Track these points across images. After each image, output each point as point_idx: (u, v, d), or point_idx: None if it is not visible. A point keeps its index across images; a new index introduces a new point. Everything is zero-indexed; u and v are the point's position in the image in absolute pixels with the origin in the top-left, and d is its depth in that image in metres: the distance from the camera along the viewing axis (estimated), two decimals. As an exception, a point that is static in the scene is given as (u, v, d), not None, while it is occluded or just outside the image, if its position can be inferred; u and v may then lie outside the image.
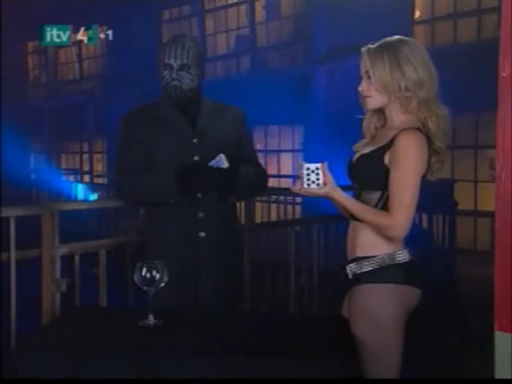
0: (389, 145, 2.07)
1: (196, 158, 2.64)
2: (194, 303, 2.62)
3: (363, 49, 2.13)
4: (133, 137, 2.69)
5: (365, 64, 2.12)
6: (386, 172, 2.07)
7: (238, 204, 7.03)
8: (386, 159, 2.07)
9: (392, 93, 2.09)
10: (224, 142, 2.68)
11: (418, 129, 2.07)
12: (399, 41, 2.12)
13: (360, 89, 2.15)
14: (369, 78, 2.11)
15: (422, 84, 2.07)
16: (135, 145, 2.68)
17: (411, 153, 2.03)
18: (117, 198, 2.90)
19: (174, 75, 2.63)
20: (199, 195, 2.63)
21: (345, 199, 2.09)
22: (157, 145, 2.66)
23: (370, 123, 2.21)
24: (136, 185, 2.64)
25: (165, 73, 2.64)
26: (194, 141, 2.67)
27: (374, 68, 2.09)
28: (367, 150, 2.15)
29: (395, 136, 2.05)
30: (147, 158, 2.67)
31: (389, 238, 2.05)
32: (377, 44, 2.12)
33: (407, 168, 2.02)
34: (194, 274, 2.63)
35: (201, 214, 2.64)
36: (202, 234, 2.65)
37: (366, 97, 2.15)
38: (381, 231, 2.06)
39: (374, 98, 2.13)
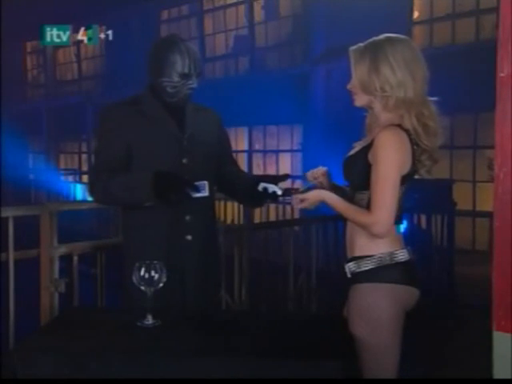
0: (372, 143, 2.08)
1: (184, 161, 2.60)
2: (181, 306, 2.60)
3: (351, 48, 2.17)
4: (115, 132, 2.59)
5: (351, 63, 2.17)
6: (371, 170, 2.08)
7: (237, 204, 7.01)
8: (370, 157, 2.08)
9: (370, 92, 2.12)
10: (209, 144, 2.67)
11: (399, 125, 2.08)
12: (385, 40, 2.13)
13: (348, 86, 2.19)
14: None
15: (400, 85, 2.08)
16: (117, 141, 2.57)
17: (388, 149, 2.03)
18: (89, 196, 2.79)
19: (194, 85, 2.60)
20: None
21: (332, 199, 2.12)
22: (141, 144, 2.58)
23: (370, 121, 2.23)
24: (110, 184, 2.53)
25: (182, 81, 2.59)
26: (185, 143, 2.62)
27: (356, 68, 2.14)
28: (354, 151, 2.17)
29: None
30: (128, 155, 2.58)
31: (373, 236, 2.06)
32: (364, 43, 2.15)
33: (385, 164, 2.02)
34: (181, 277, 2.59)
35: (188, 217, 2.60)
36: (189, 237, 2.61)
37: (353, 94, 2.18)
38: (365, 229, 2.07)
39: (358, 96, 2.17)
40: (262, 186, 2.51)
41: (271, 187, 2.50)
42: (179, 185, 2.45)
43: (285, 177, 2.61)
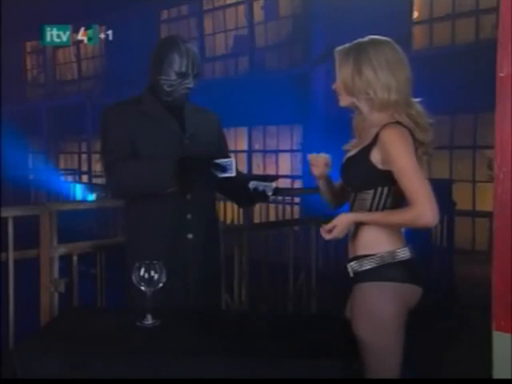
0: (373, 143, 2.09)
1: None
2: (183, 304, 2.60)
3: (336, 49, 2.18)
4: (120, 130, 2.60)
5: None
6: (374, 170, 2.08)
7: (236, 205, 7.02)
8: (373, 157, 2.08)
9: (353, 93, 2.14)
10: (210, 143, 2.69)
11: (397, 122, 2.09)
12: (368, 42, 2.14)
13: (333, 86, 2.20)
14: None
15: (384, 87, 2.09)
16: (123, 138, 2.59)
17: (398, 143, 2.04)
18: (107, 185, 2.79)
19: (190, 85, 2.63)
20: (188, 196, 2.61)
21: (363, 216, 2.11)
22: (145, 141, 2.60)
23: (357, 121, 2.24)
24: (131, 170, 2.54)
25: (178, 80, 2.62)
26: (186, 142, 2.65)
27: (340, 69, 2.16)
28: (352, 153, 2.17)
29: (377, 134, 2.07)
30: (133, 154, 2.59)
31: (424, 227, 2.05)
32: (349, 44, 2.17)
33: (403, 158, 2.03)
34: (183, 276, 2.60)
35: (189, 216, 2.62)
36: (190, 236, 2.63)
37: (337, 95, 2.20)
38: (413, 226, 2.08)
39: (342, 97, 2.19)
40: (252, 185, 2.49)
41: (261, 186, 2.48)
42: (204, 165, 2.44)
43: (273, 178, 2.60)
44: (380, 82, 2.09)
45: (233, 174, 2.41)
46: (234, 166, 2.41)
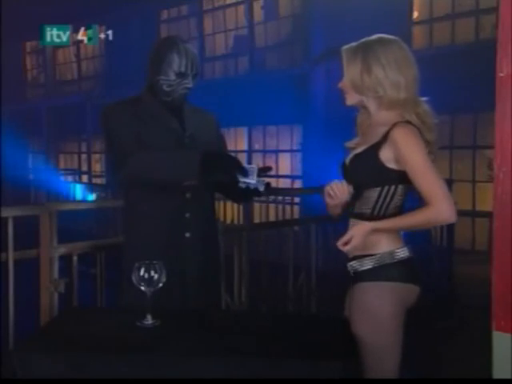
0: (382, 141, 2.09)
1: None
2: (181, 303, 2.61)
3: (343, 47, 2.18)
4: (123, 127, 2.59)
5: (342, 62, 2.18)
6: (382, 168, 2.09)
7: (237, 204, 7.03)
8: (383, 155, 2.08)
9: (361, 92, 2.14)
10: (209, 143, 2.68)
11: (407, 121, 2.10)
12: (376, 41, 2.14)
13: (340, 85, 2.20)
14: None
15: (393, 85, 2.10)
16: (127, 137, 2.57)
17: (411, 142, 2.05)
18: (113, 175, 2.74)
19: (189, 85, 2.63)
20: (187, 195, 2.61)
21: (380, 225, 2.10)
22: (147, 140, 2.59)
23: (362, 120, 2.24)
24: (148, 160, 2.50)
25: (178, 80, 2.62)
26: (186, 141, 2.65)
27: (348, 67, 2.16)
28: (360, 150, 2.17)
29: (387, 132, 2.07)
30: (139, 149, 2.57)
31: (445, 223, 2.06)
32: (356, 43, 2.17)
33: (416, 157, 2.04)
34: (180, 275, 2.60)
35: (187, 215, 2.62)
36: (188, 235, 2.63)
37: (344, 93, 2.20)
38: (432, 225, 2.11)
39: (350, 95, 2.19)
40: (243, 182, 2.46)
41: (253, 184, 2.45)
42: (229, 164, 2.41)
43: (267, 169, 2.57)
44: (389, 80, 2.09)
45: (253, 181, 2.38)
46: (256, 173, 2.38)
